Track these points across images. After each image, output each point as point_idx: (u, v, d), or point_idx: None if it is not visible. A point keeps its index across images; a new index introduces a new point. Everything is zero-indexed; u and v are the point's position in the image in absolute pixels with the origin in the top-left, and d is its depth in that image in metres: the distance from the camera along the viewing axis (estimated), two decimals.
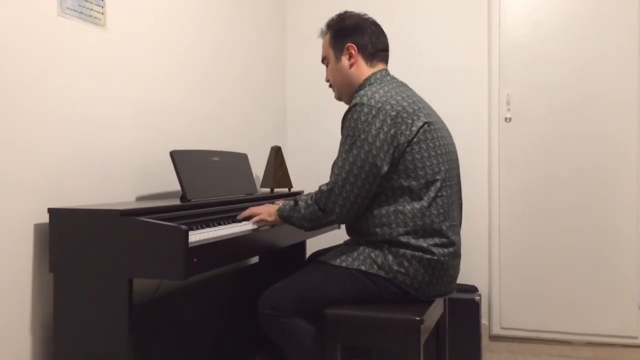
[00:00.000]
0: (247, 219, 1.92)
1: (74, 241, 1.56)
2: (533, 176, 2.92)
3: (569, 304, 2.86)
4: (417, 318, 1.60)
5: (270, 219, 1.88)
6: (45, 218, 1.64)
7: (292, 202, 1.81)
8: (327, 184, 1.72)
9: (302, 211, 1.75)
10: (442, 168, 1.71)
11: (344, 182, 1.67)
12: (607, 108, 2.82)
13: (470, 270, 2.95)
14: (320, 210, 1.71)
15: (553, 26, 2.89)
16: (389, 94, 1.72)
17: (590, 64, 2.84)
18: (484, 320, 2.85)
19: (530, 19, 2.92)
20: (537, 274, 2.91)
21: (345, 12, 1.91)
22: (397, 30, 3.10)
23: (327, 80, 1.96)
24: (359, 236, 1.77)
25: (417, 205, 1.67)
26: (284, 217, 1.82)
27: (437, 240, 1.69)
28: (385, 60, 1.91)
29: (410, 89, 1.83)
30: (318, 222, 1.74)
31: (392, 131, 1.66)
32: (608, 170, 2.82)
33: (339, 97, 1.96)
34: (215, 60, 2.60)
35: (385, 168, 1.66)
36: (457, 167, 1.85)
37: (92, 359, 1.56)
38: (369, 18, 1.90)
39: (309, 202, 1.74)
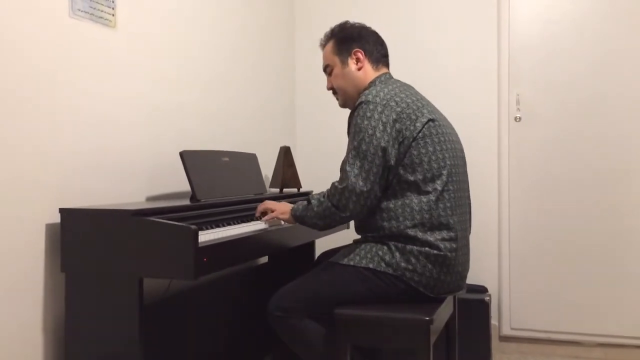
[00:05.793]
0: (263, 214, 1.97)
1: (85, 241, 1.57)
2: (543, 176, 2.90)
3: (580, 305, 2.84)
4: (427, 318, 1.60)
5: (282, 217, 1.89)
6: (56, 218, 1.65)
7: (305, 202, 1.82)
8: (339, 182, 1.73)
9: (315, 209, 1.76)
10: (448, 162, 1.73)
11: (356, 178, 1.68)
12: (619, 107, 2.80)
13: (480, 271, 2.93)
14: (334, 206, 1.72)
15: (563, 25, 2.87)
16: (392, 92, 1.76)
17: (601, 63, 2.82)
18: (493, 321, 2.84)
19: (540, 17, 2.90)
20: (547, 275, 2.89)
21: (347, 22, 1.97)
22: (406, 29, 3.10)
23: (330, 88, 1.98)
24: (368, 232, 1.78)
25: (424, 198, 1.69)
26: (296, 217, 1.83)
27: (444, 234, 1.69)
28: (387, 65, 1.96)
29: (414, 89, 1.87)
30: (332, 219, 1.74)
31: (397, 126, 1.70)
32: (619, 170, 2.80)
33: (343, 104, 1.98)
34: (224, 61, 2.61)
35: (392, 162, 1.69)
36: (464, 165, 1.86)
37: (103, 358, 1.57)
38: (369, 28, 1.96)
39: (322, 199, 1.75)
